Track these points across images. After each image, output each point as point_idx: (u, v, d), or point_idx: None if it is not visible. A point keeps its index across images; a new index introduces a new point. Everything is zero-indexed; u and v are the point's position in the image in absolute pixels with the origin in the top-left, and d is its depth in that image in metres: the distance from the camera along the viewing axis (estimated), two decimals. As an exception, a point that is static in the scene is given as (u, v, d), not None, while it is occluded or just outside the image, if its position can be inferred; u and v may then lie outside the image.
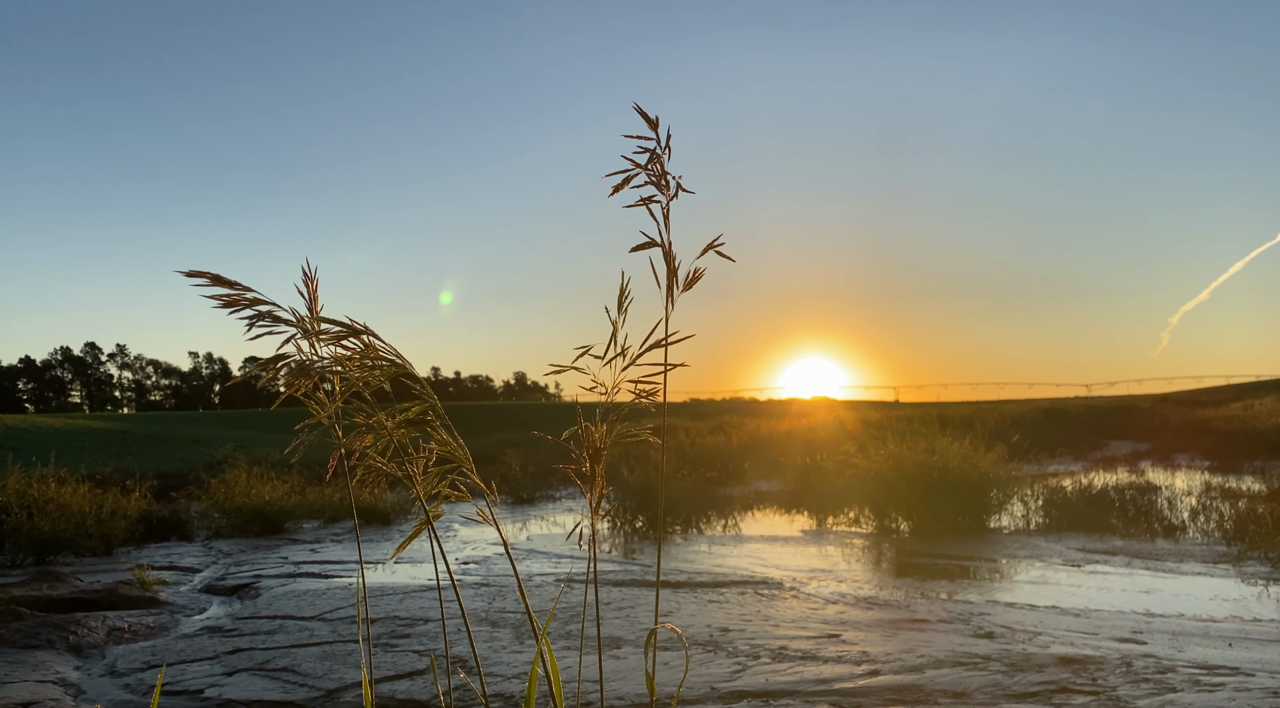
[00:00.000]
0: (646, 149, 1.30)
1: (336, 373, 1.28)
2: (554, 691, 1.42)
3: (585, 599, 1.57)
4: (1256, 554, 8.95)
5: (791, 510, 15.04)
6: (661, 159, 1.29)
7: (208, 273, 1.20)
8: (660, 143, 1.29)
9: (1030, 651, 5.62)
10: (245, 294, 1.22)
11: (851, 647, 5.88)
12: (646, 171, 1.29)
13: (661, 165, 1.29)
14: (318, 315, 1.26)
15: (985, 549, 10.25)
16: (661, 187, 1.30)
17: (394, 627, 6.99)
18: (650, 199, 1.30)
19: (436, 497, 1.43)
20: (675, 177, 1.31)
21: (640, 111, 1.27)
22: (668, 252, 1.34)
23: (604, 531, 12.94)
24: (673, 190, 1.31)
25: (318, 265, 1.34)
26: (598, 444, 1.43)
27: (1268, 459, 21.60)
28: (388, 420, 1.29)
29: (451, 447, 1.35)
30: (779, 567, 9.42)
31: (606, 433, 1.47)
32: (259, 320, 1.23)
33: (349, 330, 1.23)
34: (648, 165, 1.29)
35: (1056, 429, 31.86)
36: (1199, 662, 5.31)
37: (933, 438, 13.37)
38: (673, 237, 1.41)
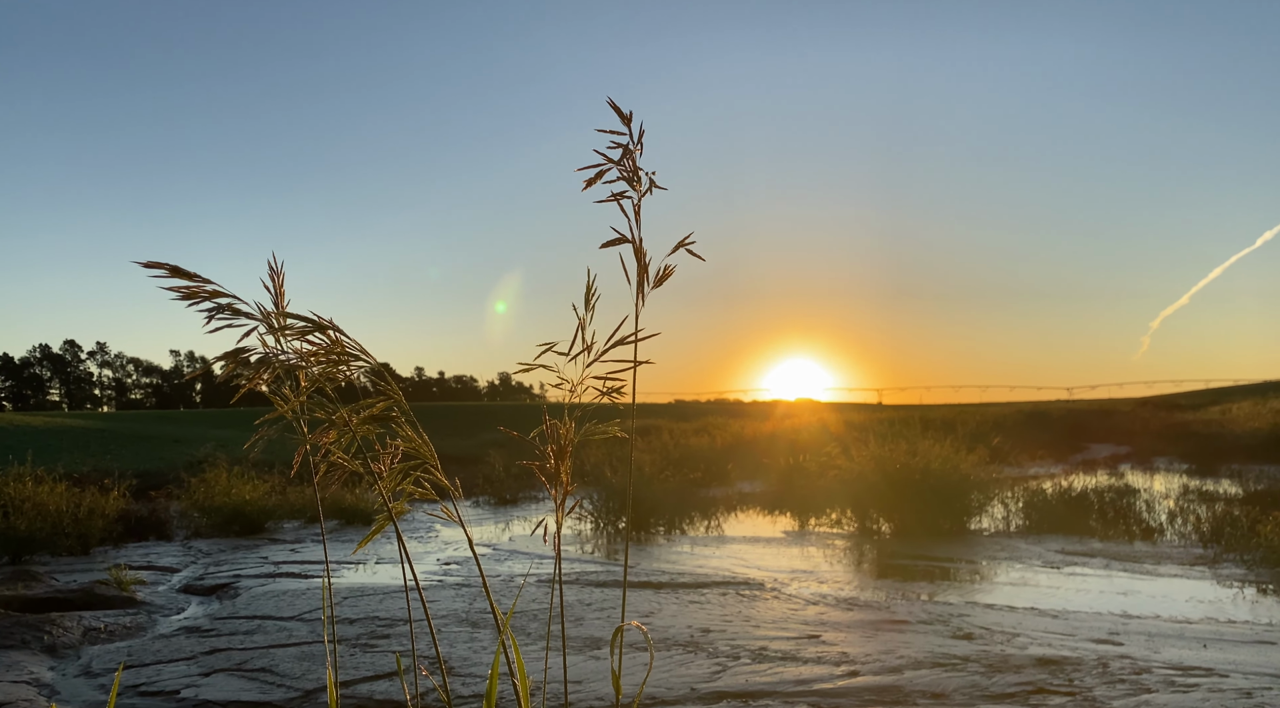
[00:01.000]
0: (619, 144, 1.29)
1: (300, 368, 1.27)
2: (520, 693, 1.41)
3: (553, 600, 1.57)
4: (1232, 556, 9.04)
5: (774, 512, 15.07)
6: (634, 155, 1.28)
7: (166, 264, 1.19)
8: (633, 138, 1.28)
9: (1008, 652, 5.65)
10: (205, 286, 1.21)
11: (831, 648, 5.90)
12: (618, 167, 1.28)
13: (634, 161, 1.29)
14: (283, 310, 1.25)
15: (966, 551, 10.31)
16: (633, 182, 1.30)
17: (374, 627, 6.95)
18: (622, 195, 1.29)
19: (401, 494, 1.42)
20: (648, 172, 1.30)
21: (613, 106, 1.26)
22: (638, 248, 1.33)
23: (587, 531, 12.93)
24: (645, 186, 1.30)
25: (284, 260, 1.33)
26: (563, 442, 1.42)
27: (1244, 462, 21.82)
28: (352, 417, 1.28)
29: (416, 443, 1.34)
30: (761, 568, 9.44)
31: (574, 431, 1.46)
32: (219, 313, 1.22)
33: (314, 325, 1.22)
34: (620, 160, 1.28)
35: (1038, 432, 32.07)
36: (1174, 663, 5.35)
37: (914, 440, 13.44)
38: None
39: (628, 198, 1.30)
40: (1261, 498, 13.00)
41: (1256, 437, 24.66)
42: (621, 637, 1.49)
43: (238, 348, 1.21)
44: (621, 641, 1.50)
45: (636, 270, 1.32)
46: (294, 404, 1.31)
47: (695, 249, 1.33)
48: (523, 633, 6.65)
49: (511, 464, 20.28)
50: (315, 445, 1.32)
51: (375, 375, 1.27)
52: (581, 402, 1.44)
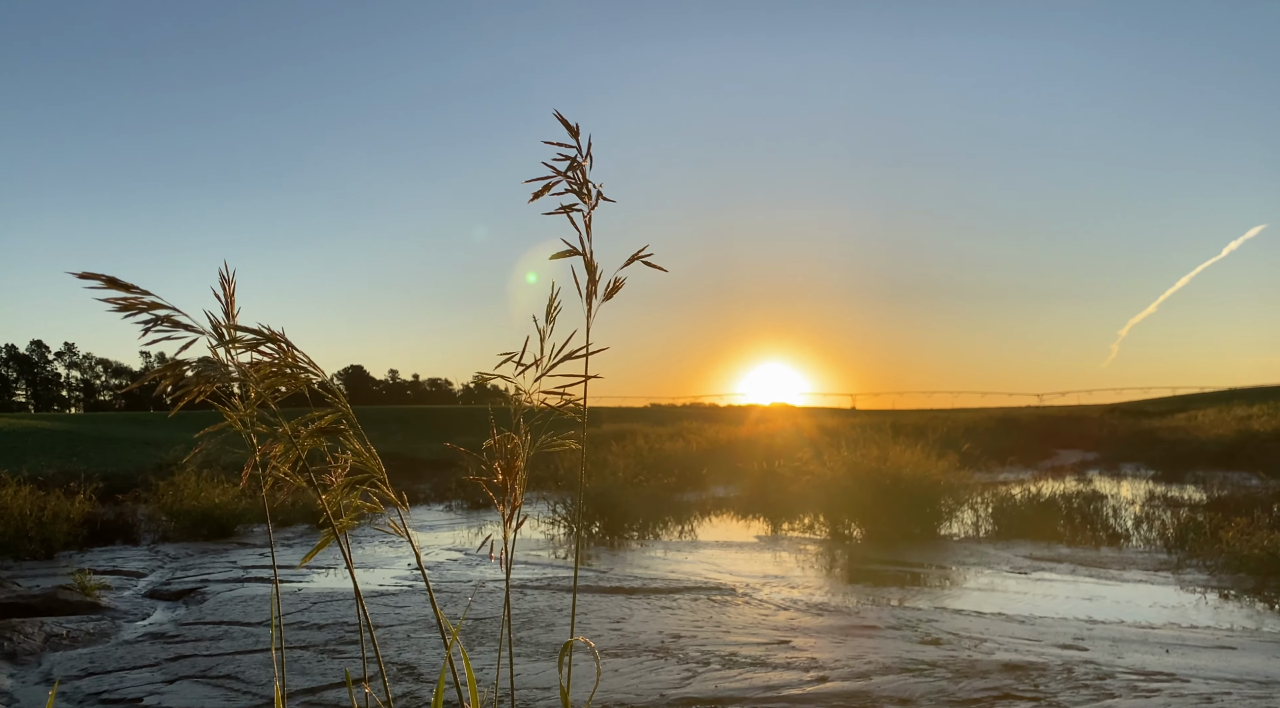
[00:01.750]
0: (567, 157, 1.29)
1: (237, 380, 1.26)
2: (470, 694, 1.41)
3: (506, 615, 1.57)
4: (1195, 562, 9.17)
5: (748, 516, 15.12)
6: (583, 167, 1.29)
7: (103, 275, 1.18)
8: (581, 151, 1.28)
9: (975, 657, 5.70)
10: (143, 298, 1.20)
11: (801, 653, 5.92)
12: (567, 179, 1.28)
13: (583, 173, 1.29)
14: (233, 322, 1.24)
15: (936, 556, 10.39)
16: (583, 195, 1.30)
17: (342, 633, 6.90)
18: (571, 207, 1.30)
19: (349, 508, 1.41)
20: (597, 185, 1.31)
21: (560, 118, 1.27)
22: (589, 261, 1.33)
23: (560, 536, 12.90)
24: (594, 199, 1.30)
25: (236, 269, 1.32)
26: (510, 456, 1.42)
27: (1208, 469, 22.15)
28: (300, 429, 1.28)
29: (364, 457, 1.34)
30: (733, 573, 9.46)
31: (529, 443, 1.46)
32: (156, 325, 1.21)
33: (262, 337, 1.21)
34: (568, 172, 1.28)
35: (1008, 438, 32.39)
36: (1137, 668, 5.42)
37: (885, 446, 13.54)
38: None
39: (577, 210, 1.30)
40: (1224, 504, 13.20)
41: (1220, 443, 25.06)
42: (570, 654, 1.49)
43: (176, 360, 1.20)
44: (570, 659, 1.50)
45: (586, 283, 1.33)
46: (240, 416, 1.30)
47: (657, 260, 1.34)
48: (492, 639, 6.63)
49: (481, 469, 20.20)
50: (265, 457, 1.31)
51: (323, 388, 1.27)
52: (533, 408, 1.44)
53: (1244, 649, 5.84)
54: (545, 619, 7.27)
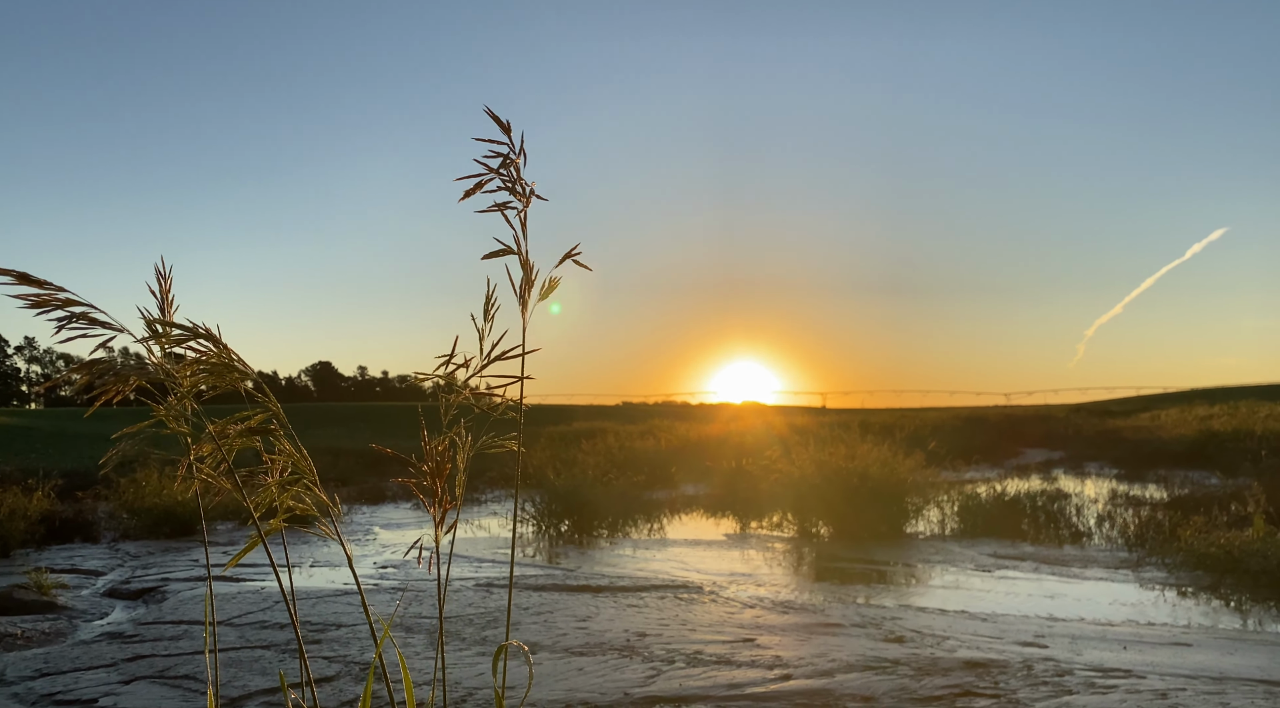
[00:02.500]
0: (500, 154, 1.27)
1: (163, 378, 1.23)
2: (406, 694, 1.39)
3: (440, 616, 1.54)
4: (1155, 560, 9.31)
5: (717, 514, 15.15)
6: (516, 164, 1.26)
7: (14, 271, 1.15)
8: (514, 148, 1.26)
9: (938, 655, 5.75)
10: (56, 294, 1.16)
11: (765, 651, 5.94)
12: (500, 176, 1.26)
13: (517, 170, 1.27)
14: (169, 319, 1.21)
15: (902, 554, 10.47)
16: (517, 193, 1.28)
17: (306, 632, 6.83)
18: (505, 205, 1.27)
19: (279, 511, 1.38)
20: (529, 183, 1.28)
21: (491, 114, 1.25)
22: (524, 260, 1.31)
23: (528, 534, 12.86)
24: (528, 197, 1.28)
25: (172, 266, 1.29)
26: (440, 458, 1.40)
27: (1170, 468, 22.52)
28: (230, 428, 1.25)
29: (295, 458, 1.31)
30: (700, 571, 9.48)
31: (469, 445, 1.44)
32: (71, 322, 1.17)
33: (191, 333, 1.18)
34: (500, 169, 1.26)
35: (975, 437, 32.72)
36: (1095, 665, 5.49)
37: (853, 444, 13.62)
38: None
39: (512, 208, 1.28)
40: (1184, 503, 13.42)
41: (1182, 443, 25.47)
42: (505, 654, 1.47)
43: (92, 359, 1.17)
44: (505, 664, 1.48)
45: (521, 283, 1.31)
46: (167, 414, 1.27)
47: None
48: (457, 638, 6.58)
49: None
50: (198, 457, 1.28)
51: (254, 387, 1.24)
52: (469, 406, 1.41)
53: (1199, 646, 5.94)
54: (511, 618, 7.23)
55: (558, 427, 34.86)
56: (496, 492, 18.81)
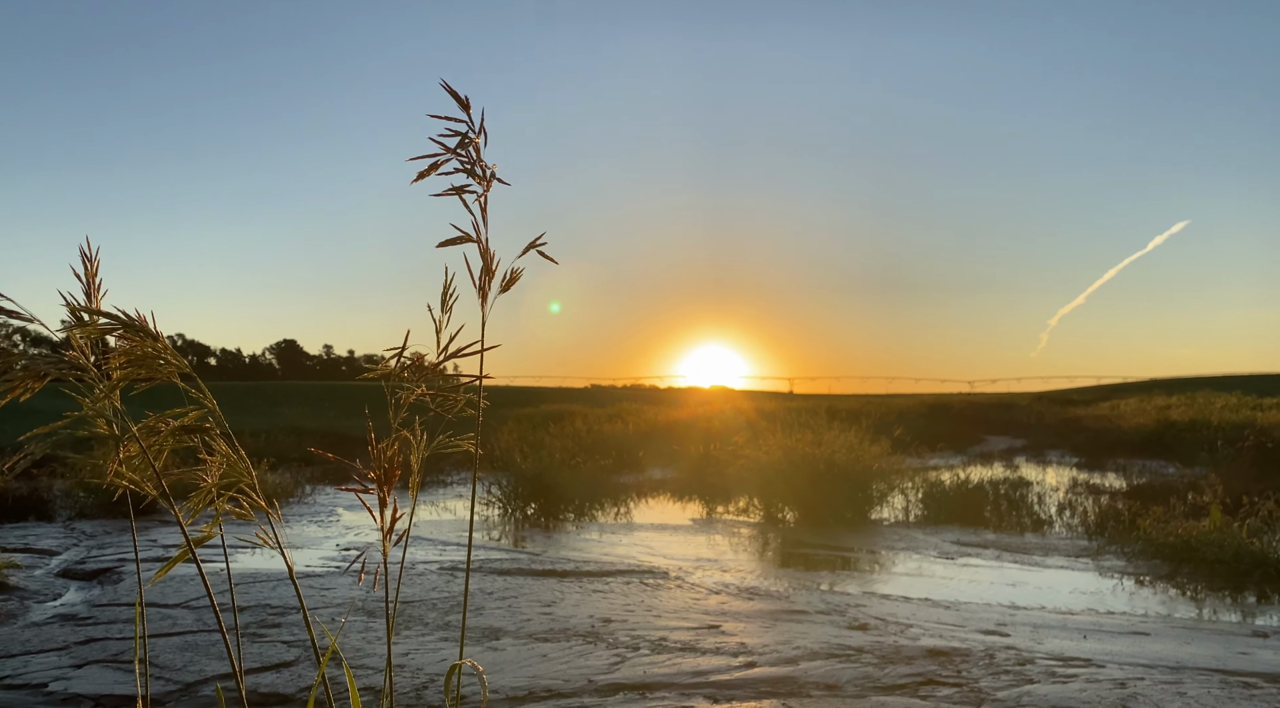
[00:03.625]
0: (458, 133, 1.19)
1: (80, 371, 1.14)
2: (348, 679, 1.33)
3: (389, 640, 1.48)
4: (1114, 548, 9.45)
5: (684, 499, 15.17)
6: (476, 145, 1.18)
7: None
8: (474, 127, 1.18)
9: (901, 643, 5.78)
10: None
11: (730, 638, 5.94)
12: (458, 157, 1.18)
13: (476, 151, 1.19)
14: (96, 306, 1.13)
15: (866, 541, 10.54)
16: (476, 176, 1.20)
17: (264, 615, 6.73)
18: (464, 188, 1.20)
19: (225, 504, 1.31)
20: (490, 166, 1.20)
21: (448, 89, 1.17)
22: (484, 249, 1.23)
23: (494, 517, 12.79)
24: (488, 180, 1.20)
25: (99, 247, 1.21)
26: (389, 464, 1.34)
27: (1129, 457, 22.89)
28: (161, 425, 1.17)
29: (231, 460, 1.24)
30: (666, 556, 9.47)
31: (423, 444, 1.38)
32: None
33: (117, 322, 1.10)
34: (458, 150, 1.18)
35: (940, 424, 33.06)
36: (1056, 654, 5.55)
37: (820, 430, 13.68)
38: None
39: (470, 192, 1.20)
40: (1143, 492, 13.64)
41: (1141, 433, 25.88)
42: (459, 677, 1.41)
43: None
44: (458, 683, 1.42)
45: (480, 273, 1.23)
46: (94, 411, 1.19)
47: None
48: (420, 623, 6.52)
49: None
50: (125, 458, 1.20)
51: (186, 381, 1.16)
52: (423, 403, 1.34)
53: (1157, 635, 6.02)
54: (475, 603, 7.17)
55: (525, 409, 34.71)
56: (462, 473, 18.70)
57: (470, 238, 1.20)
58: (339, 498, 15.30)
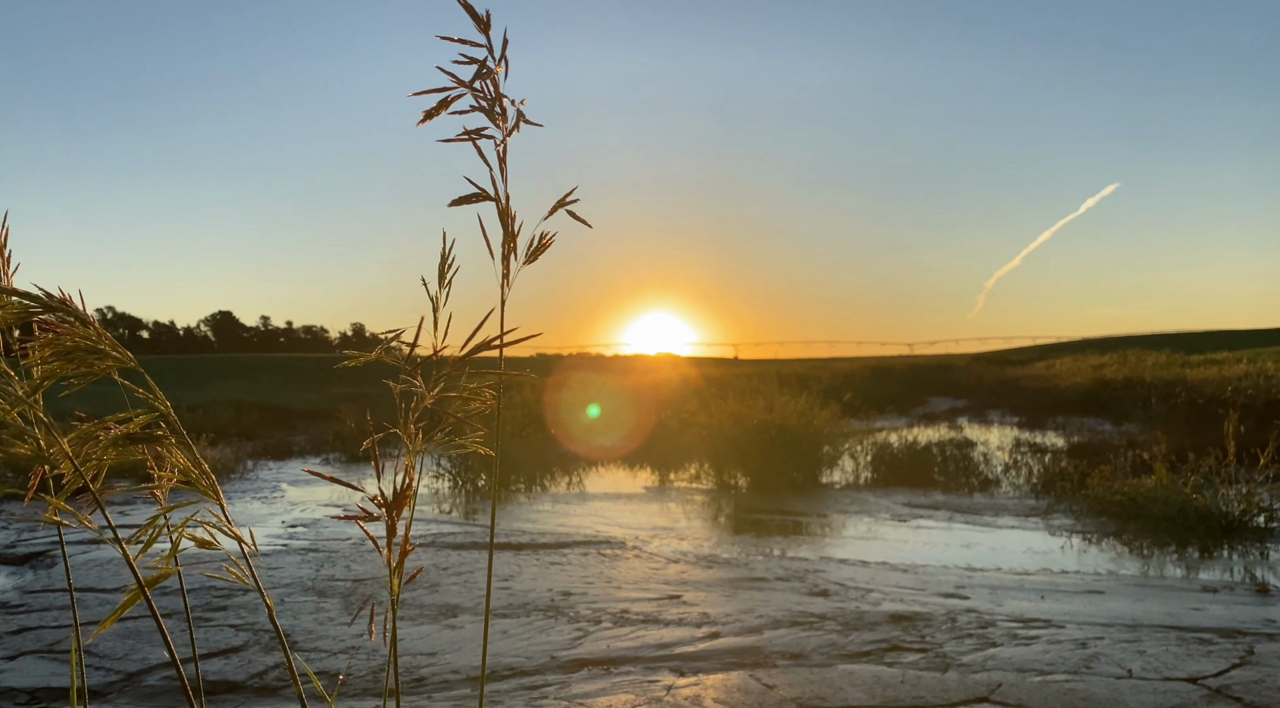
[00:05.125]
0: (474, 59, 0.98)
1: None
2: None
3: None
4: (1062, 507, 9.61)
5: (635, 468, 15.10)
6: (495, 76, 0.99)
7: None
8: (493, 53, 0.98)
9: (863, 609, 5.77)
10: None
11: (692, 608, 5.87)
12: (473, 91, 0.98)
13: (495, 84, 0.99)
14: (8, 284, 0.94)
15: (819, 505, 10.58)
16: (495, 116, 1.01)
17: (209, 598, 6.48)
18: (479, 132, 1.00)
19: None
20: (515, 102, 1.00)
21: (466, 5, 0.96)
22: (504, 209, 1.04)
23: (445, 490, 12.57)
24: (511, 121, 1.01)
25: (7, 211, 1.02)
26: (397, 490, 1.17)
27: (1067, 415, 23.45)
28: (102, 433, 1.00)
29: (193, 476, 1.07)
30: (622, 525, 9.39)
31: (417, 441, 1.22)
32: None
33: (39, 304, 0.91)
34: (474, 82, 0.98)
35: (884, 386, 33.52)
36: (1016, 615, 5.59)
37: (771, 396, 13.69)
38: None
39: (488, 137, 1.00)
40: (1083, 450, 13.95)
41: (1077, 392, 26.51)
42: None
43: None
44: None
45: (502, 240, 1.04)
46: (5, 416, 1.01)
47: (575, 210, 1.05)
48: (375, 601, 6.33)
49: (364, 421, 19.53)
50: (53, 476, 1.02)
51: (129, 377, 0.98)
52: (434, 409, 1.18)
53: (1111, 593, 6.11)
54: (430, 579, 7.00)
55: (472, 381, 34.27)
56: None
57: (488, 195, 1.00)
58: (282, 473, 14.92)
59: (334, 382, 37.34)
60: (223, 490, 8.87)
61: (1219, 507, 7.95)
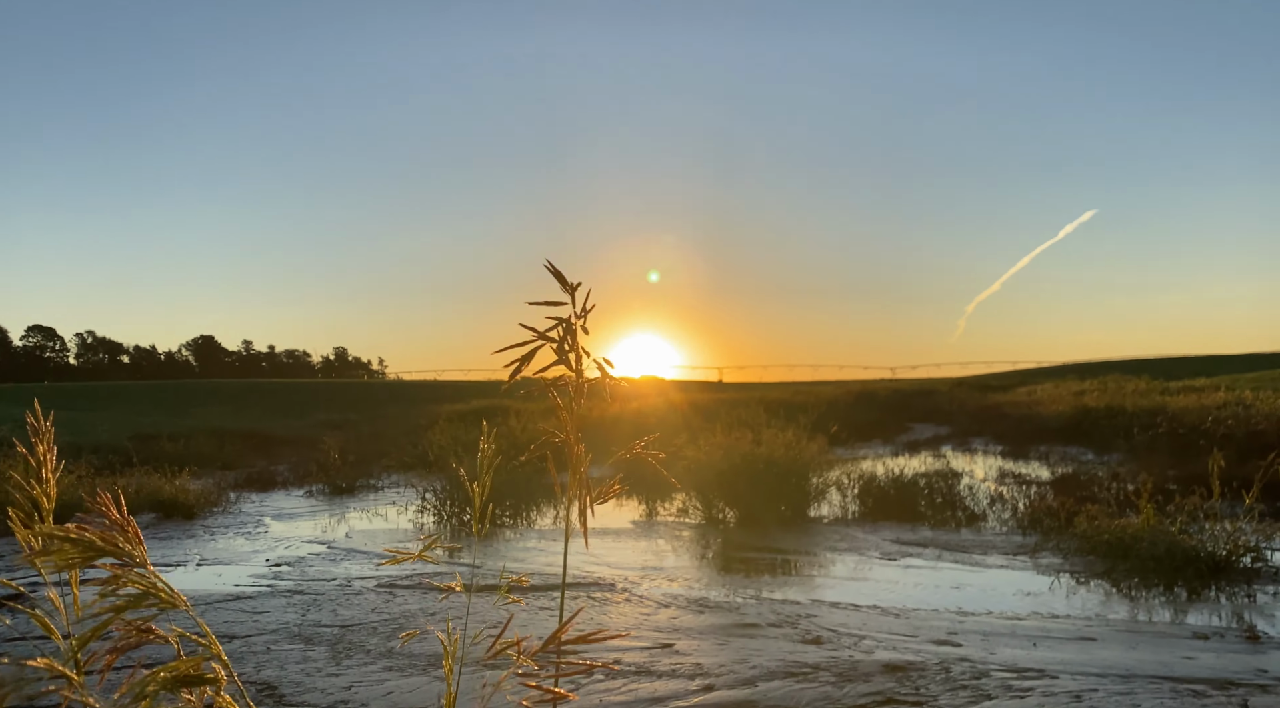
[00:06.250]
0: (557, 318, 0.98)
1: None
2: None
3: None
4: (1050, 545, 9.62)
5: (622, 499, 15.03)
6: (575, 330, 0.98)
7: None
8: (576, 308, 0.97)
9: (857, 658, 5.74)
10: None
11: (685, 658, 5.82)
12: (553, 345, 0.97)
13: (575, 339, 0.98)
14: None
15: (808, 541, 10.55)
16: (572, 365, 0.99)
17: (192, 646, 6.36)
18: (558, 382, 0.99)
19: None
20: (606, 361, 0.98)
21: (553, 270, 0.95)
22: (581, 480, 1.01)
23: (429, 525, 12.47)
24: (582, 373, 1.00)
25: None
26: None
27: (1051, 443, 23.56)
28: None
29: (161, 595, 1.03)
30: (611, 565, 9.33)
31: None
32: None
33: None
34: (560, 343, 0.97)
35: (867, 412, 33.63)
36: (1009, 664, 5.57)
37: (759, 428, 13.68)
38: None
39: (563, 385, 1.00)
40: (1069, 482, 14.00)
41: (1060, 420, 26.66)
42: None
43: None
44: None
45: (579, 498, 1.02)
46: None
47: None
48: (361, 650, 6.25)
49: (349, 449, 19.39)
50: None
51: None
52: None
53: (1103, 640, 6.11)
54: (416, 624, 6.93)
55: (454, 405, 34.20)
56: (394, 477, 18.24)
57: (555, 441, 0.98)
58: (265, 506, 14.76)
59: (317, 408, 37.05)
60: (205, 524, 8.83)
61: (1206, 548, 7.98)
